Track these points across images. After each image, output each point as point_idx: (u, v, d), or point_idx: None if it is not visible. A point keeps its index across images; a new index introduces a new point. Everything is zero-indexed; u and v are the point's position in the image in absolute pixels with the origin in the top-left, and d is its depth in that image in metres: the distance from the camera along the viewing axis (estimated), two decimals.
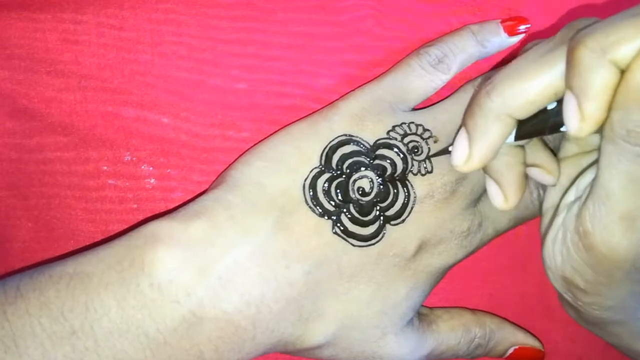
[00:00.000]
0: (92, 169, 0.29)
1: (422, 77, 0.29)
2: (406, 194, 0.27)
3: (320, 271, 0.26)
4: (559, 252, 0.27)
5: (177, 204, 0.29)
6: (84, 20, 0.28)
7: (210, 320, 0.25)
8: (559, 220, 0.27)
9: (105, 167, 0.29)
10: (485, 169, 0.27)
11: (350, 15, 0.30)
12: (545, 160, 0.28)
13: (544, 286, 0.34)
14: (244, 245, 0.25)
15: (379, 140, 0.28)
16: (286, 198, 0.26)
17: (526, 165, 0.27)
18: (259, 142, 0.28)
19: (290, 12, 0.29)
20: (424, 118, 0.28)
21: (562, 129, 0.24)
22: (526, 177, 0.28)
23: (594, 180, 0.24)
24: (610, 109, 0.22)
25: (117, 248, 0.25)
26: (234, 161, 0.28)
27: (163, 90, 0.29)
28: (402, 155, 0.27)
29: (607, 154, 0.23)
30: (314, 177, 0.27)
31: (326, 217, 0.27)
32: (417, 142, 0.28)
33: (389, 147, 0.28)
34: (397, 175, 0.27)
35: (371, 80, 0.29)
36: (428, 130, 0.28)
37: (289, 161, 0.27)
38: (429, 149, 0.28)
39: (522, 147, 0.27)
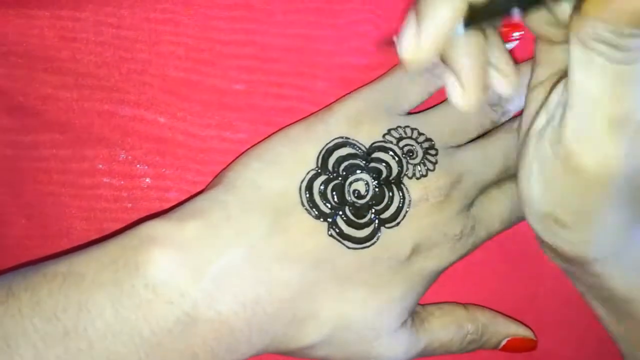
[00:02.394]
0: (87, 167, 0.29)
1: (417, 81, 0.29)
2: (401, 197, 0.27)
3: (315, 273, 0.26)
4: (536, 186, 0.25)
5: (172, 204, 0.29)
6: (82, 18, 0.28)
7: (205, 322, 0.25)
8: (530, 149, 0.25)
9: (100, 166, 0.29)
10: (444, 58, 0.25)
11: (348, 19, 0.30)
12: (504, 65, 0.25)
13: (535, 290, 0.34)
14: (239, 246, 0.25)
15: (374, 143, 0.28)
16: (282, 200, 0.26)
17: (486, 66, 0.25)
18: (256, 143, 0.28)
19: (289, 14, 0.30)
20: (419, 122, 0.29)
21: (514, 12, 0.22)
22: (486, 77, 0.25)
23: (571, 93, 0.23)
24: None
25: (111, 248, 0.25)
26: (231, 162, 0.28)
27: (160, 89, 0.29)
28: (397, 159, 0.28)
29: (581, 59, 0.21)
30: (310, 179, 0.27)
31: (322, 219, 0.27)
32: (412, 145, 0.28)
33: (385, 150, 0.28)
34: (392, 179, 0.28)
35: (368, 83, 0.29)
36: (423, 134, 0.28)
37: (285, 163, 0.27)
38: (424, 152, 0.28)
39: (483, 39, 0.24)
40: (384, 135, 0.28)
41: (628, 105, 0.22)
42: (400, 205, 0.27)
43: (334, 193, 0.27)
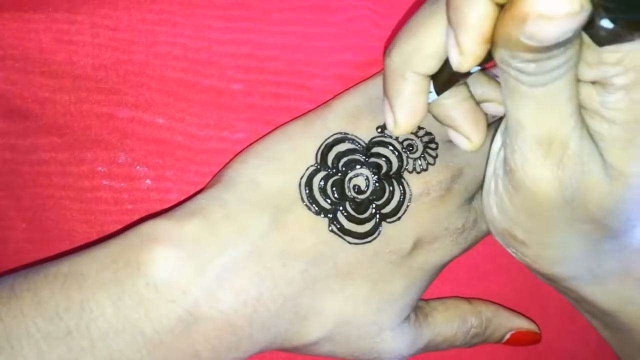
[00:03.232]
0: (87, 170, 0.29)
1: None
2: (402, 191, 0.27)
3: (317, 269, 0.26)
4: (494, 203, 0.26)
5: (172, 205, 0.29)
6: (78, 21, 0.28)
7: (207, 320, 0.25)
8: (490, 170, 0.26)
9: (100, 168, 0.29)
10: (437, 119, 0.27)
11: (345, 15, 0.30)
12: (494, 94, 0.27)
13: (538, 285, 0.34)
14: (240, 244, 0.25)
15: (374, 138, 0.28)
16: (282, 196, 0.26)
17: (477, 101, 0.27)
18: (255, 141, 0.28)
19: (286, 12, 0.30)
20: None
21: (473, 70, 0.23)
22: (480, 113, 0.27)
23: (506, 116, 0.24)
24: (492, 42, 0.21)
25: (112, 248, 0.25)
26: (230, 160, 0.28)
27: (158, 90, 0.29)
28: (397, 153, 0.28)
29: (505, 85, 0.22)
30: (309, 175, 0.27)
31: (322, 215, 0.27)
32: (412, 140, 0.28)
33: (384, 145, 0.28)
34: (393, 173, 0.28)
35: (366, 79, 0.29)
36: (423, 128, 0.28)
37: (284, 160, 0.27)
38: (424, 146, 0.28)
39: (462, 84, 0.26)
40: (383, 130, 0.28)
41: (549, 126, 0.22)
42: (401, 199, 0.27)
43: (334, 189, 0.27)
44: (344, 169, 0.27)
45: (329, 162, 0.27)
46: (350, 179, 0.27)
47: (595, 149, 0.23)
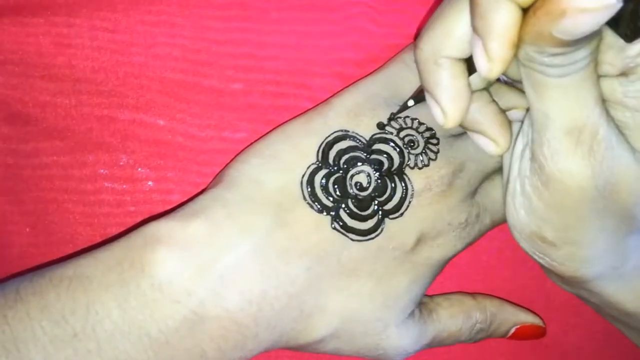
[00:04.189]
0: (89, 173, 0.29)
1: (415, 71, 0.29)
2: (404, 187, 0.27)
3: (321, 267, 0.26)
4: (520, 206, 0.26)
5: (175, 206, 0.29)
6: (77, 24, 0.28)
7: (212, 319, 0.25)
8: (514, 172, 0.26)
9: (102, 171, 0.29)
10: (462, 125, 0.27)
11: (343, 13, 0.30)
12: (517, 100, 0.28)
13: (544, 278, 0.34)
14: (243, 243, 0.25)
15: (374, 135, 0.28)
16: (284, 195, 0.26)
17: (503, 110, 0.27)
18: (256, 140, 0.28)
19: (284, 11, 0.30)
20: (419, 112, 0.28)
21: None
22: (504, 116, 0.27)
23: (530, 112, 0.24)
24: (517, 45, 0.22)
25: (116, 249, 0.25)
26: (232, 160, 0.28)
27: (158, 92, 0.29)
28: (398, 149, 0.28)
29: (530, 80, 0.23)
30: (311, 173, 0.27)
31: (325, 213, 0.27)
32: (413, 135, 0.28)
33: (385, 141, 0.28)
34: (394, 170, 0.28)
35: (366, 76, 0.29)
36: (424, 123, 0.28)
37: (285, 158, 0.27)
38: (425, 142, 0.28)
39: (483, 89, 0.27)
40: (384, 127, 0.28)
41: (577, 114, 0.23)
42: (404, 195, 0.27)
43: (336, 186, 0.27)
44: (345, 166, 0.27)
45: (330, 160, 0.27)
46: (352, 176, 0.27)
47: (622, 136, 0.23)
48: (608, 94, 0.23)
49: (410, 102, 0.28)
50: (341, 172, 0.27)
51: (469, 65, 0.25)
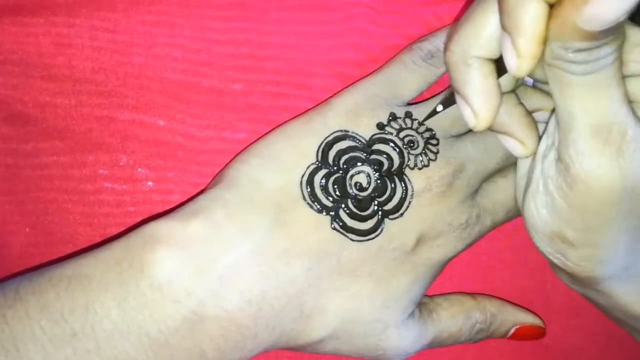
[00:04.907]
0: (88, 173, 0.29)
1: (415, 72, 0.29)
2: (404, 188, 0.27)
3: (321, 267, 0.26)
4: (542, 205, 0.26)
5: (175, 206, 0.29)
6: (77, 24, 0.28)
7: (212, 319, 0.25)
8: (537, 172, 0.26)
9: (102, 171, 0.29)
10: (491, 129, 0.27)
11: (343, 13, 0.30)
12: (542, 102, 0.28)
13: (544, 279, 0.34)
14: (242, 243, 0.25)
15: (374, 135, 0.28)
16: (284, 195, 0.26)
17: (528, 111, 0.28)
18: (255, 140, 0.28)
19: (284, 11, 0.30)
20: (419, 112, 0.28)
21: None
22: (531, 118, 0.27)
23: (556, 112, 0.24)
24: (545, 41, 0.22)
25: (115, 249, 0.25)
26: (231, 160, 0.28)
27: (158, 92, 0.29)
28: (398, 150, 0.28)
29: (555, 80, 0.23)
30: (310, 173, 0.27)
31: (324, 213, 0.27)
32: (413, 136, 0.28)
33: (385, 141, 0.28)
34: (394, 170, 0.28)
35: (366, 76, 0.29)
36: (423, 124, 0.28)
37: (285, 158, 0.27)
38: (425, 142, 0.28)
39: (510, 92, 0.27)
40: (383, 127, 0.28)
41: (604, 113, 0.23)
42: (403, 196, 0.27)
43: (336, 186, 0.27)
44: (345, 166, 0.27)
45: (330, 160, 0.27)
46: (352, 176, 0.27)
47: None
48: (635, 95, 0.23)
49: (440, 107, 0.27)
50: (341, 172, 0.27)
51: (498, 67, 0.25)
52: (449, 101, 0.27)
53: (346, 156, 0.27)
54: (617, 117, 0.23)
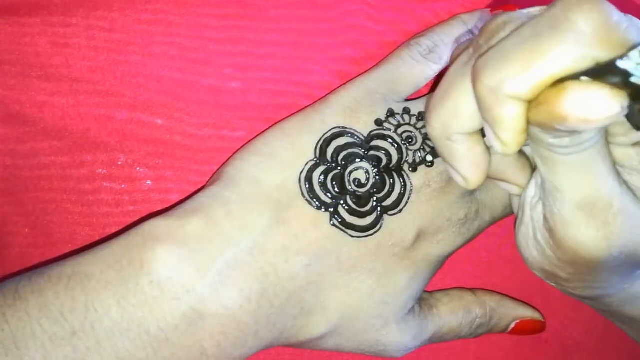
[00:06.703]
0: (87, 173, 0.29)
1: (413, 67, 0.29)
2: (402, 184, 0.27)
3: (320, 264, 0.26)
4: (533, 248, 0.26)
5: (174, 205, 0.29)
6: (73, 23, 0.28)
7: (212, 316, 0.25)
8: (526, 216, 0.26)
9: (100, 170, 0.29)
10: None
11: (341, 10, 0.30)
12: (510, 174, 0.27)
13: None
14: (242, 240, 0.25)
15: (372, 131, 0.28)
16: (282, 192, 0.26)
17: (494, 178, 0.27)
18: (254, 138, 0.28)
19: (282, 8, 0.30)
20: (417, 108, 0.28)
21: None
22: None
23: (541, 179, 0.24)
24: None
25: (115, 247, 0.25)
26: (229, 158, 0.28)
27: (156, 91, 0.29)
28: (396, 146, 0.28)
29: (538, 153, 0.23)
30: (309, 170, 0.27)
31: (323, 210, 0.27)
32: (411, 132, 0.28)
33: (383, 138, 0.28)
34: (393, 166, 0.28)
35: (363, 72, 0.29)
36: (421, 119, 0.28)
37: (283, 155, 0.27)
38: (424, 138, 0.28)
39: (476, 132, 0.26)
40: (382, 123, 0.28)
41: (589, 189, 0.23)
42: (402, 192, 0.27)
43: (334, 183, 0.27)
44: (343, 162, 0.27)
45: (329, 157, 0.27)
46: (351, 172, 0.27)
47: (638, 200, 0.23)
48: (622, 160, 0.23)
49: (429, 157, 0.28)
50: (339, 168, 0.27)
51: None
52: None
53: (345, 153, 0.27)
54: (602, 192, 0.23)
